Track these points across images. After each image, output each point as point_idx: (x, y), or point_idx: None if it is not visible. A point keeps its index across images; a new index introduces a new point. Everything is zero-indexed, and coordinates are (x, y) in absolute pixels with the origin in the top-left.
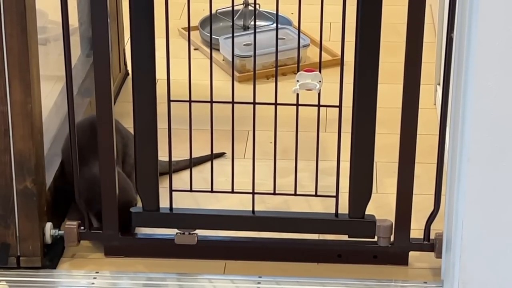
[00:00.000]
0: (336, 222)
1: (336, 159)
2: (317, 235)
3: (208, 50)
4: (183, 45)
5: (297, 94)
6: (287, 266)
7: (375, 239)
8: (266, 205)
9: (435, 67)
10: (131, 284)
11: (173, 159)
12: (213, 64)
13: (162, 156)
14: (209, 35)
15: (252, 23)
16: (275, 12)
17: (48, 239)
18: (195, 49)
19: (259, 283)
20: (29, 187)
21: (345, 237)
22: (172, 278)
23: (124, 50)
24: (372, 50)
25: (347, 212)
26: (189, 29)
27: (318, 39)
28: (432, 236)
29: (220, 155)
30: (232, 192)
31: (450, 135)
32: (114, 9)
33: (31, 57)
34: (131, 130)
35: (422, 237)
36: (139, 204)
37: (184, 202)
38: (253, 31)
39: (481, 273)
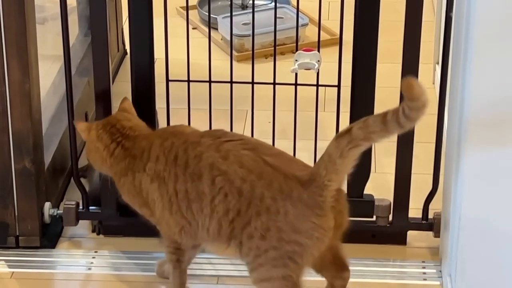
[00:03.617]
0: None
1: None
2: None
3: (207, 29)
4: (181, 24)
5: (296, 74)
6: None
7: (374, 218)
8: None
9: (433, 46)
10: (130, 263)
11: None
12: (211, 43)
13: None
14: (207, 14)
15: (251, 2)
16: None
17: (47, 219)
18: (193, 28)
19: None
20: (27, 167)
21: None
22: None
23: (122, 29)
24: (371, 29)
25: (345, 191)
26: (187, 8)
27: (317, 18)
28: (430, 216)
29: None
30: None
31: (448, 115)
32: None
33: (29, 36)
34: None
35: (420, 216)
36: None
37: None
38: (251, 10)
39: (479, 252)
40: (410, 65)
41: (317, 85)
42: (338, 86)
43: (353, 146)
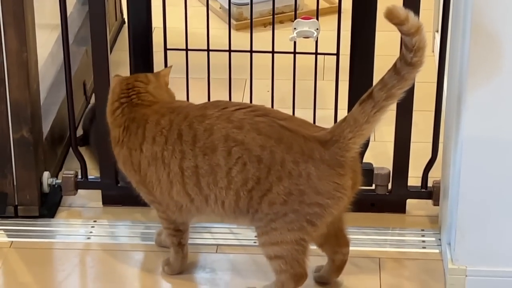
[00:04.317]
0: None
1: (333, 107)
2: None
3: None
4: None
5: (295, 42)
6: None
7: (373, 187)
8: None
9: (433, 14)
10: (129, 233)
11: None
12: (209, 12)
13: None
14: None
15: None
16: None
17: (46, 188)
18: None
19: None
20: (25, 136)
21: None
22: None
23: None
24: None
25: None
26: None
27: None
28: (429, 184)
29: None
30: None
31: (448, 83)
32: None
33: (25, 5)
34: None
35: (419, 185)
36: None
37: None
38: None
39: (478, 220)
40: None
41: (316, 54)
42: (337, 54)
43: (378, 110)
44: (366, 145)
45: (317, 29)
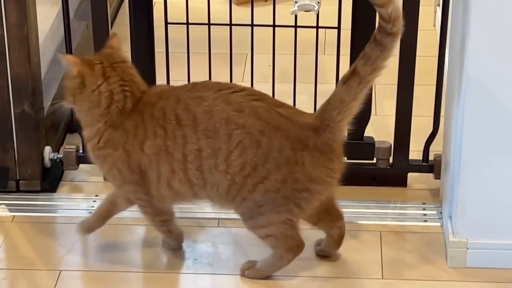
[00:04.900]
0: None
1: (335, 82)
2: None
3: None
4: None
5: (296, 16)
6: None
7: (374, 161)
8: None
9: None
10: (131, 207)
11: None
12: None
13: (160, 80)
14: None
15: None
16: None
17: (47, 163)
18: None
19: None
20: (27, 111)
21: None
22: None
23: None
24: None
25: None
26: None
27: None
28: (431, 158)
29: None
30: None
31: (449, 57)
32: None
33: None
34: (129, 55)
35: (421, 158)
36: None
37: None
38: None
39: (479, 193)
40: (410, 7)
41: (317, 27)
42: (338, 28)
43: (364, 85)
44: (367, 119)
45: (318, 2)
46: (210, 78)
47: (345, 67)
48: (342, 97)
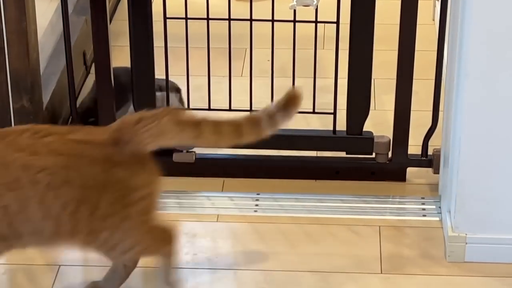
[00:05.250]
0: (334, 139)
1: (334, 76)
2: (315, 152)
3: None
4: None
5: (294, 11)
6: (285, 183)
7: (373, 155)
8: None
9: None
10: None
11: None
12: None
13: (159, 74)
14: None
15: None
16: None
17: None
18: None
19: (257, 200)
20: (25, 106)
21: (343, 154)
22: (171, 196)
23: None
24: None
25: (345, 129)
26: None
27: None
28: (430, 152)
29: None
30: (230, 110)
31: (448, 51)
32: None
33: None
34: (128, 50)
35: (420, 153)
36: None
37: None
38: None
39: (478, 188)
40: (409, 2)
41: (316, 22)
42: (337, 22)
43: (197, 140)
44: (366, 114)
45: None
46: (209, 73)
47: (344, 62)
48: (165, 130)
